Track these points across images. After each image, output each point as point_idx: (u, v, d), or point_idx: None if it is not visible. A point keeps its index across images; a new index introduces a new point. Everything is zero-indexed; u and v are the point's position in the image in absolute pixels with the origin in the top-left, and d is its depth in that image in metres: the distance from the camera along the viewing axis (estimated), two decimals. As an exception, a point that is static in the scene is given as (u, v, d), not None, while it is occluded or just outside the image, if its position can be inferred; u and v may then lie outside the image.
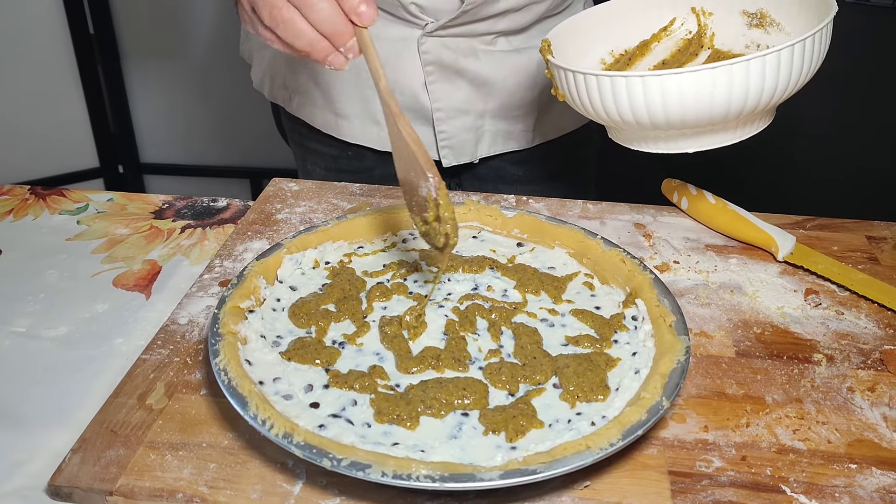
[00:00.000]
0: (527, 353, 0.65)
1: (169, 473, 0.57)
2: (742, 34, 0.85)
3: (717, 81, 0.66)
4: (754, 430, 0.62)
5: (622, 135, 0.79)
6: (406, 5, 0.92)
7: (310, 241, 0.77)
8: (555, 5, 1.00)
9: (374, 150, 1.05)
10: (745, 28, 0.85)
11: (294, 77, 1.05)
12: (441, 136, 1.02)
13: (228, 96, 2.32)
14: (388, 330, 0.67)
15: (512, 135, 1.05)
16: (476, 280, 0.75)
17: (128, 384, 0.65)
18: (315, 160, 1.12)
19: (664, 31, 0.87)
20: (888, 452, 0.60)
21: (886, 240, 0.88)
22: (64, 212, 0.94)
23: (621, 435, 0.54)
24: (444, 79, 0.98)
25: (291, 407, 0.59)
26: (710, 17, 0.86)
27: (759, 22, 0.83)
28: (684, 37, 0.87)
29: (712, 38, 0.86)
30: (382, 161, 1.07)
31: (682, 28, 0.87)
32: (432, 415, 0.59)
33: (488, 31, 0.97)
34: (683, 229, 0.89)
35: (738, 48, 0.85)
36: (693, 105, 0.68)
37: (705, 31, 0.86)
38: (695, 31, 0.87)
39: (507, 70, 1.00)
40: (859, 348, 0.71)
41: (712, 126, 0.72)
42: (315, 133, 1.07)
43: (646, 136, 0.76)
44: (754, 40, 0.84)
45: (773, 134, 0.82)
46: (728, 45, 0.85)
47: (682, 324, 0.65)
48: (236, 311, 0.66)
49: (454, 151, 1.03)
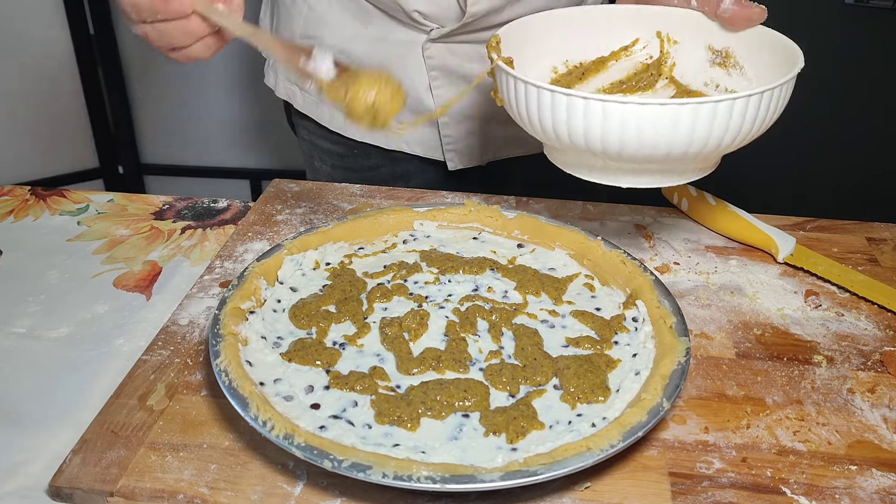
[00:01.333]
0: (527, 355, 0.65)
1: (170, 474, 0.57)
2: (703, 70, 0.80)
3: (681, 118, 0.61)
4: (755, 432, 0.62)
5: (562, 157, 0.74)
6: (409, 12, 0.92)
7: (310, 242, 0.77)
8: None
9: (379, 149, 1.06)
10: (706, 64, 0.80)
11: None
12: (446, 139, 1.02)
13: (229, 97, 2.33)
14: (389, 331, 0.67)
15: (520, 139, 1.05)
16: (476, 281, 0.75)
17: (128, 385, 0.65)
18: (322, 157, 1.12)
19: (624, 50, 0.83)
20: (888, 454, 0.61)
21: (886, 241, 0.88)
22: (64, 212, 0.94)
23: (622, 436, 0.54)
24: (449, 83, 0.98)
25: (292, 408, 0.59)
26: (674, 45, 0.81)
27: (723, 61, 0.78)
28: (643, 60, 0.83)
29: (672, 68, 0.82)
30: (389, 160, 1.07)
31: (643, 51, 0.82)
32: (433, 416, 0.59)
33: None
34: (684, 231, 0.89)
35: (696, 84, 0.81)
36: (651, 139, 0.62)
37: (666, 59, 0.82)
38: (656, 56, 0.82)
39: None
40: (859, 350, 0.71)
41: (660, 164, 0.67)
42: (322, 130, 1.08)
43: (589, 164, 0.71)
44: (714, 79, 0.80)
45: (774, 136, 0.82)
46: (687, 79, 0.81)
47: (682, 325, 0.65)
48: (237, 312, 0.66)
49: (460, 155, 1.03)
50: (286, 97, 1.09)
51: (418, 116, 1.00)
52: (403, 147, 1.05)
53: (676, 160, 0.65)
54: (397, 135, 1.00)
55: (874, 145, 1.95)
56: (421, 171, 1.09)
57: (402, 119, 0.67)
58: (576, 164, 0.72)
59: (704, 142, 0.63)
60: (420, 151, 1.05)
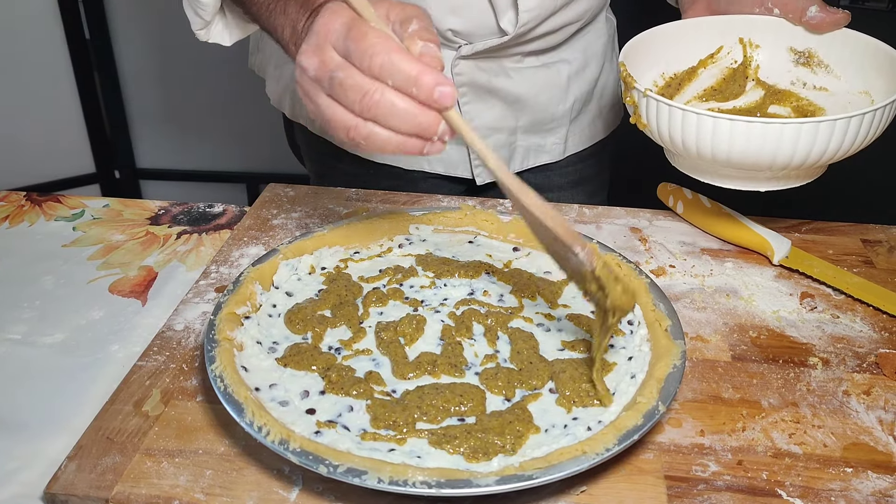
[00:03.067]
0: (523, 359, 0.65)
1: (165, 480, 0.57)
2: (788, 70, 0.86)
3: (811, 134, 0.69)
4: (750, 435, 0.62)
5: (686, 164, 0.81)
6: (442, 31, 0.91)
7: (306, 246, 0.77)
8: (584, 22, 1.00)
9: (397, 169, 1.03)
10: (790, 64, 0.86)
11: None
12: (475, 154, 1.01)
13: (225, 102, 2.33)
14: (385, 335, 0.67)
15: (544, 148, 1.05)
16: (472, 285, 0.75)
17: (124, 391, 0.65)
18: (335, 179, 1.08)
19: (710, 58, 0.88)
20: (884, 456, 0.61)
21: (881, 243, 0.88)
22: (60, 218, 0.94)
23: (617, 440, 0.54)
24: (478, 99, 0.98)
25: (287, 413, 0.59)
26: (756, 49, 0.87)
27: (807, 61, 0.85)
28: (729, 65, 0.88)
29: (757, 70, 0.87)
30: (407, 180, 1.05)
31: (727, 56, 0.88)
32: (428, 420, 0.59)
33: (520, 51, 0.97)
34: (679, 233, 0.89)
35: (783, 83, 0.86)
36: (791, 151, 0.69)
37: (750, 63, 0.88)
38: (740, 60, 0.88)
39: (539, 86, 1.00)
40: (855, 352, 0.72)
41: (788, 172, 0.75)
42: (338, 152, 1.05)
43: (720, 172, 0.78)
44: (800, 77, 0.86)
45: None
46: (773, 79, 0.87)
47: (677, 328, 0.65)
48: (232, 318, 0.66)
49: (488, 169, 1.02)
50: (301, 120, 1.07)
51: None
52: (425, 167, 1.04)
53: (811, 167, 0.74)
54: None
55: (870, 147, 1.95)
56: (440, 188, 1.06)
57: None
58: (707, 171, 0.80)
59: (826, 151, 0.71)
60: (442, 170, 1.04)
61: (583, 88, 1.04)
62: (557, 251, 0.62)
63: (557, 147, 1.06)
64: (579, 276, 0.61)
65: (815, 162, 0.71)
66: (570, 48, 1.02)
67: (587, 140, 1.09)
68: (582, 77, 1.04)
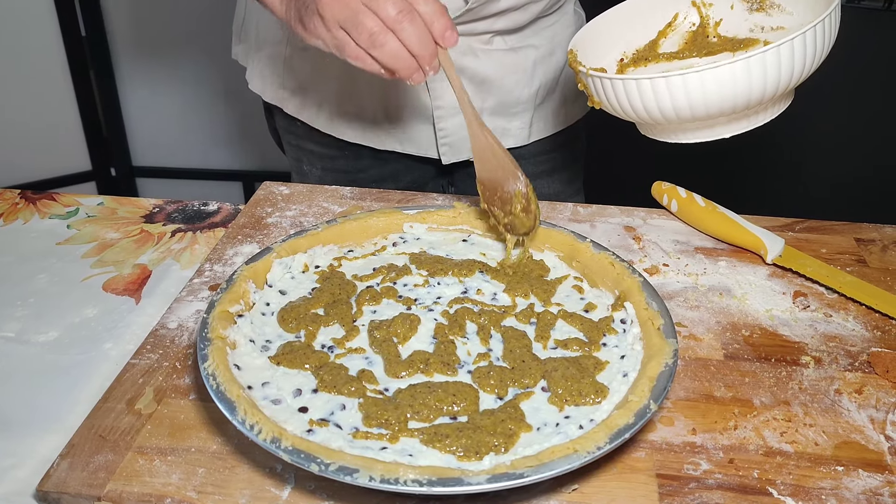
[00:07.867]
0: (516, 357, 0.65)
1: (157, 479, 0.57)
2: (745, 19, 0.88)
3: (750, 71, 0.69)
4: (742, 433, 0.62)
5: (654, 130, 0.82)
6: None
7: (300, 245, 0.77)
8: (550, 5, 1.02)
9: (371, 150, 1.06)
10: (746, 13, 0.88)
11: (293, 77, 1.05)
12: (441, 133, 1.03)
13: (220, 99, 2.32)
14: (378, 334, 0.67)
15: (509, 132, 1.07)
16: (465, 283, 0.75)
17: (117, 389, 0.65)
18: (311, 160, 1.12)
19: (669, 26, 0.90)
20: (875, 455, 0.61)
21: (875, 242, 0.88)
22: (54, 216, 0.94)
23: (609, 438, 0.54)
24: (444, 77, 0.99)
25: (280, 411, 0.59)
26: (710, 7, 0.89)
27: (759, 6, 0.86)
28: (689, 29, 0.90)
29: (716, 27, 0.89)
30: (378, 161, 1.08)
31: (685, 21, 0.90)
32: (421, 419, 0.59)
33: (487, 30, 0.98)
34: (673, 232, 0.89)
35: (743, 33, 0.88)
36: (730, 93, 0.70)
37: (708, 21, 0.89)
38: (698, 22, 0.89)
39: (505, 68, 1.02)
40: (847, 350, 0.72)
41: (743, 112, 0.75)
42: (312, 133, 1.08)
43: (681, 128, 0.79)
44: (757, 23, 0.87)
45: (763, 137, 0.83)
46: (733, 31, 0.88)
47: (670, 327, 0.65)
48: (225, 316, 0.66)
49: (453, 149, 1.04)
50: (277, 102, 1.09)
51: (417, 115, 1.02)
52: (396, 147, 1.06)
53: (761, 103, 0.74)
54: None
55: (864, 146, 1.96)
56: (410, 169, 1.10)
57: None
58: (671, 130, 0.81)
59: (765, 86, 0.71)
60: (413, 150, 1.06)
61: (548, 75, 1.06)
62: (496, 180, 0.77)
63: (522, 132, 1.08)
64: (508, 199, 0.76)
65: (773, 92, 0.72)
66: (537, 35, 1.03)
67: (552, 127, 1.11)
68: (548, 63, 1.05)
